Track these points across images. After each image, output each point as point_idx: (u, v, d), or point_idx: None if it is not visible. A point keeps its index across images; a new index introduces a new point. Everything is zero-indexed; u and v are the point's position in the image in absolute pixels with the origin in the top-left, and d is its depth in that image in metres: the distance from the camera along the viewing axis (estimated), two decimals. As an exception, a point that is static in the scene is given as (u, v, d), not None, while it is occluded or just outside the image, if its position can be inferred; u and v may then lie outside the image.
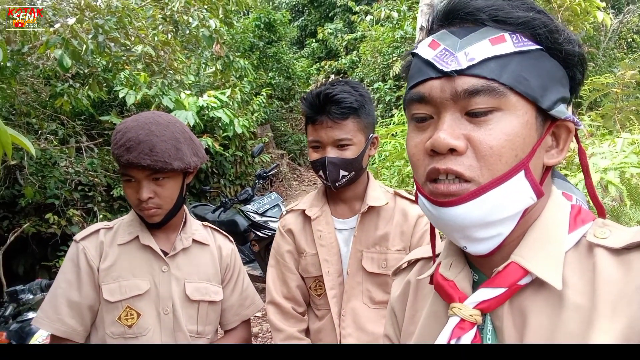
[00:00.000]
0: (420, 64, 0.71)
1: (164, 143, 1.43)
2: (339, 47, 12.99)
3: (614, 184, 2.42)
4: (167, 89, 5.25)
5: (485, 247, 0.70)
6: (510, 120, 0.65)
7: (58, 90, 4.92)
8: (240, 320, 1.72)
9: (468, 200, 0.65)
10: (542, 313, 0.65)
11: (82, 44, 3.63)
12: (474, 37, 0.66)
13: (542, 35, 0.67)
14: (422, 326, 0.81)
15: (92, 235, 1.55)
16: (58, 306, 1.47)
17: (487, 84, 0.64)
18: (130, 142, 1.40)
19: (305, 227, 1.69)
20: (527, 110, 0.66)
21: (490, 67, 0.65)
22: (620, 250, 0.65)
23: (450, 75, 0.66)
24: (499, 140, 0.65)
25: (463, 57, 0.65)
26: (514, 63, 0.65)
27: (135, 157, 1.39)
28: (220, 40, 5.23)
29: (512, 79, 0.65)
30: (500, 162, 0.65)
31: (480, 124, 0.65)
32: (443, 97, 0.67)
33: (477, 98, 0.65)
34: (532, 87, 0.66)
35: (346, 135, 1.53)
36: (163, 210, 1.50)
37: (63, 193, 5.16)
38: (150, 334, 1.49)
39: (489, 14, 0.67)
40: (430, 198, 0.69)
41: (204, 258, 1.64)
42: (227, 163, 7.42)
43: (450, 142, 0.65)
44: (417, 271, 0.92)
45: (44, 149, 4.99)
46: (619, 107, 4.20)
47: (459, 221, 0.67)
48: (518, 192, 0.66)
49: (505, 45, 0.65)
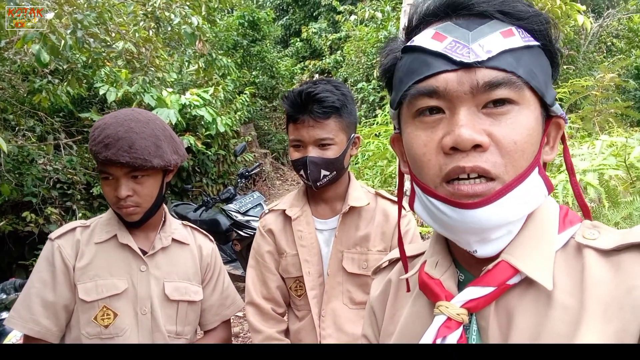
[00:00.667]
0: (425, 56, 0.67)
1: (144, 140, 1.40)
2: (323, 47, 12.98)
3: (593, 185, 2.45)
4: (148, 87, 5.19)
5: (496, 247, 0.68)
6: (527, 114, 0.64)
7: (36, 86, 4.82)
8: (221, 320, 1.70)
9: (494, 200, 0.63)
10: (529, 313, 0.65)
11: (61, 39, 3.56)
12: (485, 30, 0.64)
13: (541, 32, 0.66)
14: (403, 326, 0.80)
15: (68, 234, 1.52)
16: (32, 306, 1.43)
17: (507, 76, 0.63)
18: (108, 139, 1.37)
19: (285, 227, 1.67)
20: (536, 105, 0.66)
21: (507, 59, 0.63)
22: (610, 251, 0.64)
23: (470, 67, 0.63)
24: (522, 134, 0.63)
25: (479, 49, 0.63)
26: (525, 57, 0.64)
27: (113, 154, 1.36)
28: (203, 38, 5.19)
29: (526, 73, 0.64)
30: (524, 157, 0.63)
31: (499, 118, 0.63)
32: (460, 91, 0.63)
33: (497, 90, 0.63)
34: (540, 82, 0.65)
35: (328, 134, 1.52)
36: (142, 209, 1.47)
37: (41, 191, 5.06)
38: (127, 334, 1.47)
39: (496, 7, 0.65)
40: (451, 200, 0.65)
41: (184, 257, 1.61)
42: (209, 162, 7.37)
43: (475, 138, 0.61)
44: (399, 271, 0.90)
45: (21, 145, 4.89)
46: (598, 110, 4.26)
47: (482, 223, 0.64)
48: (535, 189, 0.66)
49: (515, 39, 0.64)
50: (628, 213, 2.39)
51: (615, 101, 4.75)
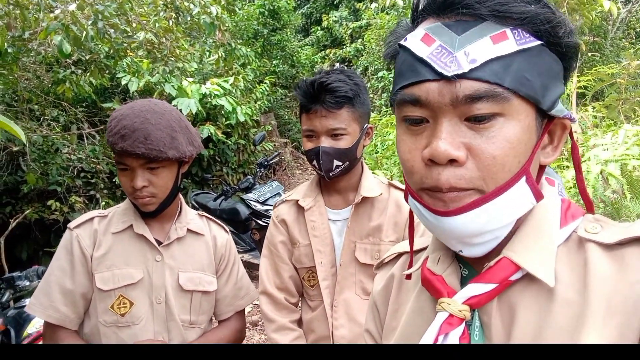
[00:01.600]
0: (412, 61, 0.65)
1: (159, 131, 1.41)
2: (344, 35, 12.88)
3: (615, 176, 2.40)
4: (169, 77, 5.23)
5: (482, 250, 0.68)
6: (513, 126, 0.61)
7: (60, 76, 4.90)
8: (235, 310, 1.71)
9: (470, 209, 0.63)
10: (531, 308, 0.64)
11: (82, 30, 3.61)
12: (474, 34, 0.61)
13: (544, 30, 0.62)
14: (406, 321, 0.80)
15: (86, 223, 1.55)
16: (51, 293, 1.47)
17: (491, 88, 0.60)
18: (125, 130, 1.39)
19: (298, 218, 1.68)
20: (529, 113, 0.63)
21: (493, 69, 0.60)
22: (613, 245, 0.63)
23: (451, 79, 0.60)
24: (503, 148, 0.61)
25: (463, 58, 0.60)
26: (517, 63, 0.60)
27: (129, 145, 1.38)
28: (223, 28, 5.20)
29: (516, 81, 0.60)
30: (504, 170, 0.62)
31: (481, 130, 0.61)
32: (441, 102, 0.62)
33: (479, 104, 0.60)
34: (534, 87, 0.62)
35: (340, 124, 1.51)
36: (157, 199, 1.49)
37: (65, 180, 5.16)
38: (143, 323, 1.50)
39: (490, 8, 0.60)
40: (429, 207, 0.66)
41: (199, 248, 1.63)
42: (229, 151, 7.41)
43: (451, 153, 0.61)
44: (402, 265, 0.90)
45: (45, 135, 4.99)
46: (623, 98, 4.15)
47: (458, 230, 0.65)
48: (519, 199, 0.64)
49: (507, 43, 0.60)
50: (651, 204, 2.33)
51: (642, 89, 4.63)
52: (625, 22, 8.87)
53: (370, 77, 10.66)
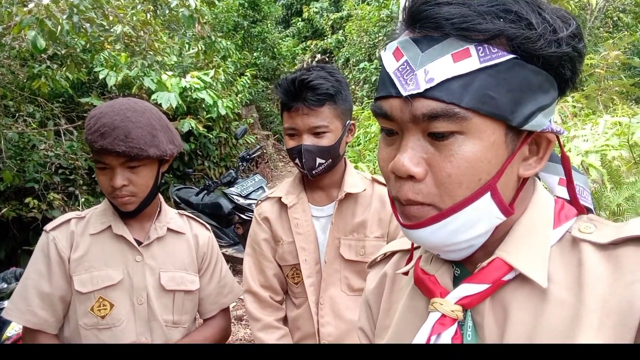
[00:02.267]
0: (384, 74, 0.65)
1: (140, 129, 1.39)
2: (324, 27, 12.84)
3: (595, 167, 2.42)
4: (148, 70, 5.14)
5: (458, 255, 0.69)
6: (473, 145, 0.60)
7: (35, 71, 4.78)
8: (219, 308, 1.70)
9: (428, 224, 0.64)
10: (525, 308, 0.64)
11: (57, 24, 3.52)
12: (436, 52, 0.60)
13: (516, 44, 0.60)
14: (399, 320, 0.80)
15: (63, 225, 1.51)
16: (28, 297, 1.44)
17: (446, 108, 0.59)
18: (104, 128, 1.36)
19: (281, 215, 1.66)
20: (495, 130, 0.61)
21: (450, 88, 0.59)
22: (607, 245, 0.63)
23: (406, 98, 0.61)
24: (459, 167, 0.61)
25: (422, 77, 0.60)
26: (479, 81, 0.59)
27: (109, 143, 1.35)
28: (202, 20, 5.12)
29: (476, 99, 0.59)
30: (461, 188, 0.62)
31: (441, 148, 0.61)
32: (403, 119, 0.63)
33: (436, 122, 0.60)
34: (499, 105, 0.60)
35: (322, 122, 1.50)
36: (137, 199, 1.46)
37: (43, 177, 5.06)
38: (124, 325, 1.47)
39: (453, 24, 0.59)
40: (397, 217, 0.69)
41: (180, 247, 1.61)
42: (211, 145, 7.34)
43: (409, 169, 0.62)
44: (394, 264, 0.89)
45: (21, 132, 4.88)
46: (602, 88, 4.20)
47: (423, 242, 0.67)
48: (483, 214, 0.64)
49: (469, 61, 0.59)
50: (631, 194, 2.36)
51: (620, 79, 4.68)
52: (603, 12, 8.97)
53: (352, 69, 10.64)
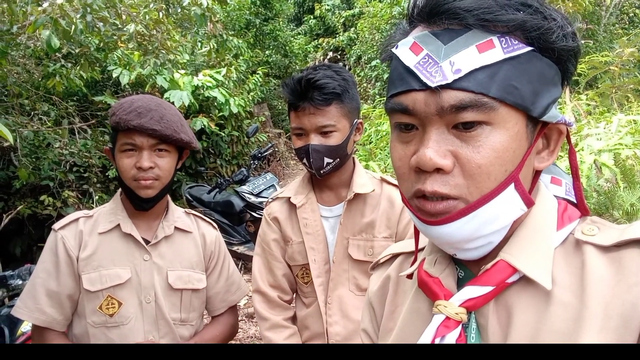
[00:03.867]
0: (401, 69, 0.65)
1: (172, 116, 1.49)
2: (336, 24, 12.81)
3: (608, 166, 2.40)
4: (160, 69, 5.18)
5: (476, 254, 0.69)
6: (500, 135, 0.61)
7: (50, 70, 4.84)
8: (227, 306, 1.72)
9: (456, 219, 0.63)
10: (528, 310, 0.64)
11: (71, 23, 3.56)
12: (460, 43, 0.60)
13: (534, 37, 0.61)
14: (403, 323, 0.79)
15: (71, 224, 1.53)
16: (37, 296, 1.46)
17: (475, 98, 0.59)
18: (140, 109, 1.44)
19: (291, 215, 1.67)
20: (518, 121, 0.62)
21: (478, 79, 0.59)
22: (610, 247, 0.63)
23: (434, 89, 0.61)
24: (488, 158, 0.61)
25: (448, 68, 0.60)
26: (503, 71, 0.60)
27: (146, 122, 1.42)
28: (214, 19, 5.14)
29: (502, 90, 0.60)
30: (489, 179, 0.62)
31: (468, 139, 0.61)
32: (428, 112, 0.62)
33: (464, 113, 0.60)
34: (522, 95, 0.61)
35: (329, 121, 1.50)
36: (160, 184, 1.50)
37: (58, 175, 5.12)
38: (132, 323, 1.49)
39: (476, 17, 0.60)
40: (418, 215, 0.67)
41: (187, 245, 1.62)
42: (223, 143, 7.38)
43: (437, 162, 0.61)
44: (398, 266, 0.89)
45: (36, 130, 4.94)
46: (616, 86, 4.14)
47: (447, 238, 0.65)
48: (508, 206, 0.64)
49: (494, 52, 0.60)
50: (644, 194, 2.34)
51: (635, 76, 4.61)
52: (618, 8, 8.84)
53: (363, 66, 10.62)
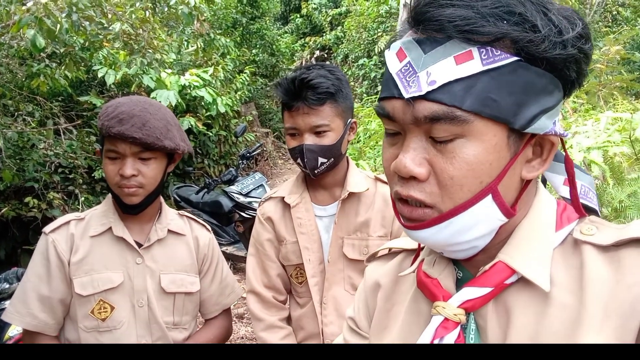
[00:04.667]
0: (388, 74, 0.66)
1: (157, 121, 1.42)
2: (323, 23, 12.81)
3: (597, 163, 2.42)
4: (147, 68, 5.13)
5: (462, 255, 0.69)
6: (475, 147, 0.61)
7: (34, 70, 4.77)
8: (221, 309, 1.70)
9: (430, 226, 0.65)
10: (527, 311, 0.64)
11: (56, 22, 3.51)
12: (439, 53, 0.60)
13: (519, 47, 0.59)
14: (403, 323, 0.79)
15: (62, 227, 1.50)
16: (28, 300, 1.43)
17: (448, 111, 0.59)
18: (123, 115, 1.38)
19: (284, 215, 1.65)
20: (497, 133, 0.61)
21: (452, 91, 0.59)
22: (609, 247, 0.63)
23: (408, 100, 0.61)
24: (460, 170, 0.61)
25: (424, 79, 0.60)
26: (481, 84, 0.59)
27: (127, 130, 1.36)
28: (201, 18, 5.11)
29: (478, 103, 0.59)
30: (462, 191, 0.62)
31: (443, 150, 0.62)
32: (405, 120, 0.63)
33: (437, 125, 0.60)
34: (501, 108, 0.59)
35: (323, 121, 1.49)
36: (144, 191, 1.46)
37: (43, 176, 5.05)
38: (125, 327, 1.47)
39: (456, 27, 0.58)
40: (398, 217, 0.69)
41: (180, 248, 1.60)
42: (210, 143, 7.34)
43: (411, 170, 0.63)
44: (399, 263, 0.89)
45: (21, 131, 4.86)
46: (603, 83, 4.19)
47: (426, 242, 0.68)
48: (484, 216, 0.64)
49: (472, 63, 0.58)
50: (633, 191, 2.36)
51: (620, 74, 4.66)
52: (602, 6, 8.94)
53: (351, 65, 10.63)
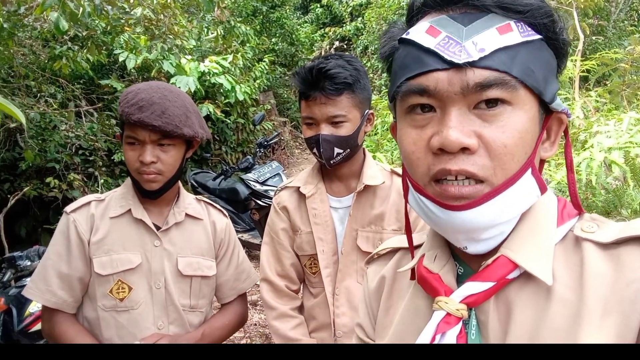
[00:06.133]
0: (417, 52, 0.65)
1: (176, 108, 1.44)
2: (343, 13, 12.72)
3: (618, 164, 2.38)
4: (167, 54, 5.16)
5: (487, 246, 0.68)
6: (521, 116, 0.62)
7: (57, 52, 4.83)
8: (237, 294, 1.72)
9: (481, 203, 0.62)
10: (528, 307, 0.64)
11: (79, 6, 3.54)
12: (480, 25, 0.62)
13: (543, 25, 0.63)
14: (400, 320, 0.79)
15: (83, 208, 1.54)
16: (48, 278, 1.47)
17: (500, 76, 0.60)
18: (143, 102, 1.40)
19: (300, 205, 1.66)
20: (533, 104, 0.64)
21: (501, 58, 0.60)
22: (609, 244, 0.63)
23: (460, 66, 0.61)
24: (513, 137, 0.61)
25: (472, 47, 0.60)
26: (522, 54, 0.61)
27: (146, 117, 1.39)
28: (222, 5, 5.11)
29: (522, 71, 0.61)
30: (513, 161, 0.62)
31: (491, 119, 0.61)
32: (451, 91, 0.62)
33: (489, 92, 0.60)
34: (537, 79, 0.63)
35: (340, 111, 1.49)
36: (163, 178, 1.49)
37: (64, 157, 5.13)
38: (142, 307, 1.50)
39: (494, 0, 0.62)
40: (438, 201, 0.65)
41: (197, 233, 1.62)
42: (228, 130, 7.37)
43: (463, 141, 0.60)
44: (396, 262, 0.88)
45: (43, 112, 4.93)
46: (627, 83, 4.11)
47: (469, 225, 0.64)
48: (527, 190, 0.65)
49: (512, 34, 0.61)
50: (653, 193, 2.33)
51: (645, 74, 4.58)
52: (628, 4, 8.74)
53: (370, 57, 10.56)
